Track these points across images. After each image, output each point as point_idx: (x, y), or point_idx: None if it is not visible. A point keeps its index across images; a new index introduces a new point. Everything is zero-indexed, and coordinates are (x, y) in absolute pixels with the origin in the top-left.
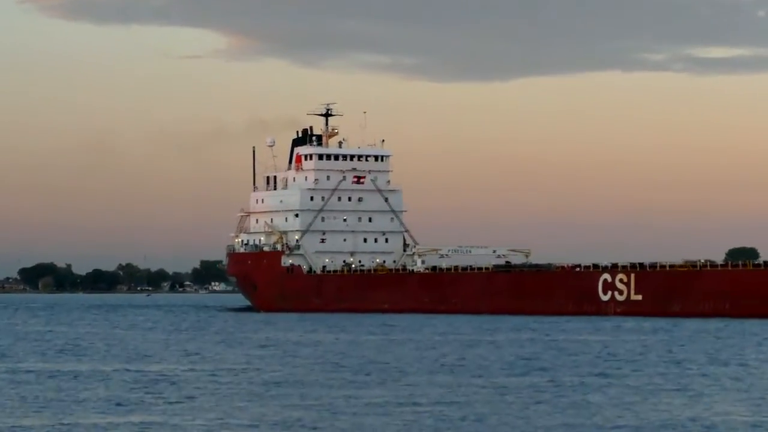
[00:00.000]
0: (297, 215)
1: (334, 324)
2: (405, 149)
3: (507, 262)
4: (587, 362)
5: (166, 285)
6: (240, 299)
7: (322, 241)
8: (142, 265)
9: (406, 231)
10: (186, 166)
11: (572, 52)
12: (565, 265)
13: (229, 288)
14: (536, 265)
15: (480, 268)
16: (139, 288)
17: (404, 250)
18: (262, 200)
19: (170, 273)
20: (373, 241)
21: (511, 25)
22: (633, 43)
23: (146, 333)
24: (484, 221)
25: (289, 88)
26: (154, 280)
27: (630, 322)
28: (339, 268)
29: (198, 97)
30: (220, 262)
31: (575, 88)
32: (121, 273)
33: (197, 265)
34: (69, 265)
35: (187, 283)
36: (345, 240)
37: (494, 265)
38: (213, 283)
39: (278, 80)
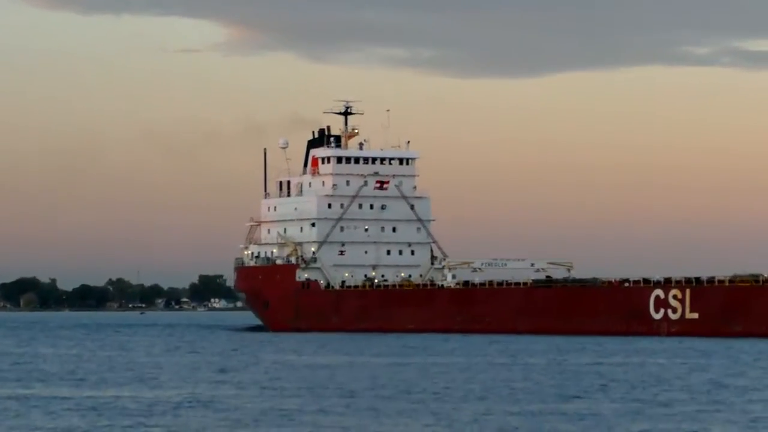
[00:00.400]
0: (313, 224)
1: (360, 345)
2: (428, 152)
3: (547, 276)
4: (636, 389)
5: (160, 302)
6: (247, 317)
7: (341, 253)
8: (134, 280)
9: (434, 242)
10: (182, 171)
11: (610, 45)
12: (613, 280)
13: (230, 305)
14: (580, 280)
15: (517, 284)
16: (131, 305)
17: (432, 264)
18: (275, 208)
19: (165, 289)
20: (398, 253)
21: (542, 15)
22: (675, 35)
23: (140, 354)
24: (520, 231)
25: (296, 84)
26: (148, 296)
27: (685, 343)
28: (360, 284)
29: (194, 95)
30: (221, 276)
31: (613, 85)
32: (111, 289)
33: (195, 279)
34: (53, 280)
35: (184, 299)
36: (366, 252)
37: (533, 280)
38: (213, 300)
39: (283, 76)
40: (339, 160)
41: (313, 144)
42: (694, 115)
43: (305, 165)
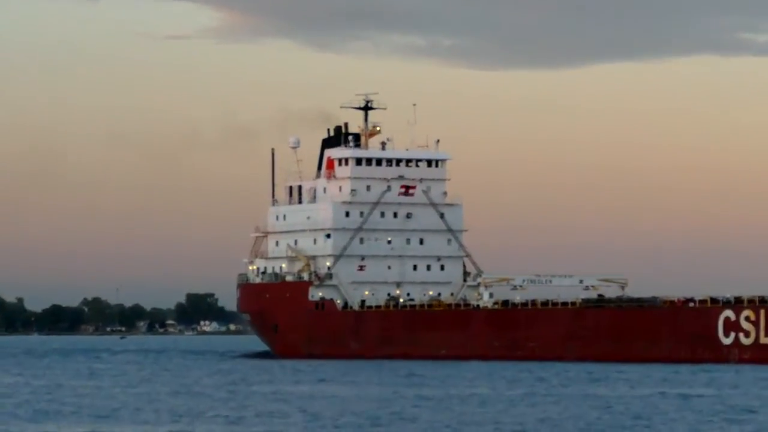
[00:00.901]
0: (329, 236)
1: (391, 375)
2: (456, 153)
3: (599, 295)
4: None
5: (143, 325)
6: (244, 343)
7: (361, 268)
8: (112, 300)
9: (467, 256)
10: (167, 174)
11: (658, 33)
12: (676, 300)
13: (222, 328)
14: (638, 300)
15: (565, 303)
16: (109, 328)
17: (465, 280)
18: (284, 216)
19: (148, 310)
20: (426, 268)
21: None
22: (733, 20)
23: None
24: (566, 243)
25: (298, 76)
26: (128, 318)
27: (762, 372)
28: (382, 303)
29: (182, 87)
30: (212, 295)
31: (662, 77)
32: (87, 310)
33: (182, 299)
34: (20, 300)
35: (170, 322)
36: (390, 267)
37: (583, 299)
38: (202, 323)
39: (284, 66)
40: (358, 161)
41: (328, 143)
42: (758, 110)
43: (319, 167)
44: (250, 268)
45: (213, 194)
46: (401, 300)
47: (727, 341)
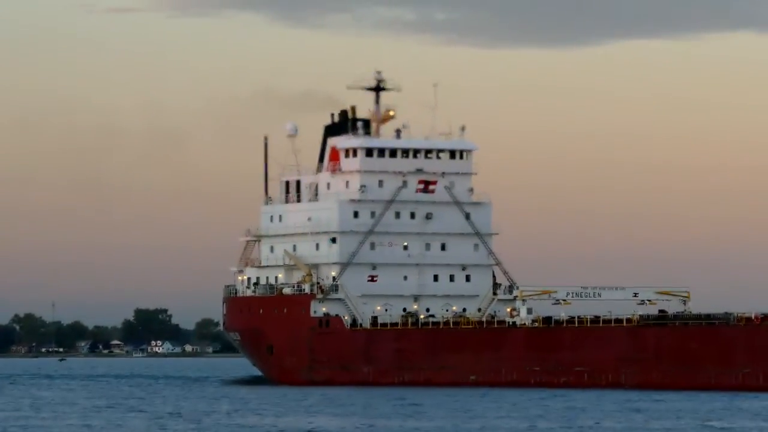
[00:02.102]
0: (334, 240)
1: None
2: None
3: (660, 311)
4: None
5: (84, 345)
6: (209, 365)
7: (372, 279)
8: (48, 317)
9: (497, 264)
10: (111, 168)
11: (692, 7)
12: (753, 316)
13: (176, 349)
14: (707, 316)
15: (619, 321)
16: (44, 349)
17: (495, 293)
18: (280, 217)
19: (90, 328)
20: (448, 279)
21: None
22: None
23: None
24: (612, 249)
25: (269, 55)
26: (67, 337)
27: None
28: (398, 320)
29: (128, 67)
30: (164, 311)
31: (701, 55)
32: (18, 328)
33: (130, 316)
34: None
35: (116, 342)
36: (406, 278)
37: (640, 316)
38: (154, 343)
39: (253, 44)
40: (369, 152)
41: (332, 131)
42: None
43: (321, 159)
44: (239, 278)
45: (169, 191)
46: (422, 317)
47: None
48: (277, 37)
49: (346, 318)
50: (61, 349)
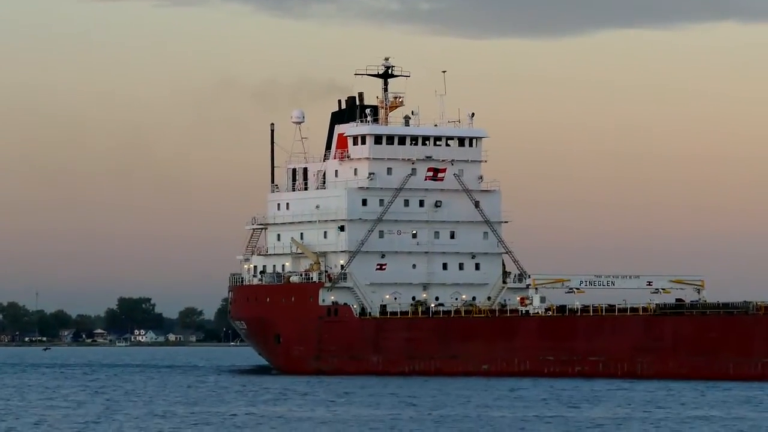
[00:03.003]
0: (342, 228)
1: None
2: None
3: (677, 300)
4: None
5: (67, 334)
6: (196, 354)
7: (381, 267)
8: (31, 306)
9: (507, 252)
10: (97, 157)
11: None
12: None
13: (160, 338)
14: (725, 305)
15: (635, 309)
16: (27, 338)
17: (504, 282)
18: (287, 205)
19: (73, 317)
20: (457, 267)
21: None
22: None
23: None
24: (624, 237)
25: (256, 45)
26: (50, 327)
27: None
28: (408, 309)
29: (114, 57)
30: (148, 300)
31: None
32: (1, 317)
33: (113, 305)
34: None
35: (99, 331)
36: (415, 266)
37: (657, 305)
38: (137, 332)
39: (239, 34)
40: (377, 139)
41: (338, 118)
42: None
43: (328, 147)
44: (245, 267)
45: (154, 178)
46: (432, 305)
47: None
48: (257, 28)
49: (354, 307)
50: (44, 339)
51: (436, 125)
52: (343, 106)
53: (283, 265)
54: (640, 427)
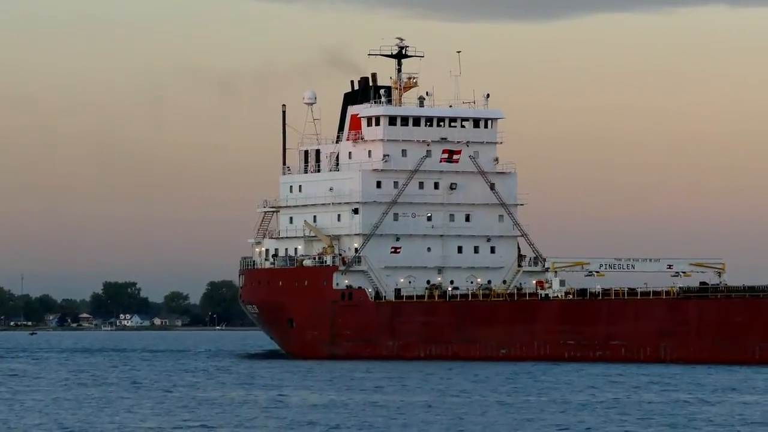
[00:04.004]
0: (356, 211)
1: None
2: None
3: (702, 282)
4: None
5: (52, 318)
6: (187, 338)
7: (395, 251)
8: (17, 290)
9: (523, 235)
10: (84, 139)
11: None
12: None
13: (145, 322)
14: (751, 288)
15: (657, 293)
16: (13, 323)
17: (520, 265)
18: (299, 188)
19: (59, 301)
20: (473, 250)
21: None
22: None
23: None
24: (642, 220)
25: (241, 30)
26: (36, 311)
27: None
28: (423, 293)
29: (122, 39)
30: (133, 284)
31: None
32: None
33: (98, 289)
34: None
35: (84, 315)
36: (429, 250)
37: (681, 288)
38: (123, 316)
39: (224, 20)
40: (392, 120)
41: (351, 99)
42: None
43: (340, 128)
44: (257, 250)
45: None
46: (449, 289)
47: None
48: (241, 13)
49: (369, 290)
50: (29, 323)
51: (450, 106)
52: (356, 87)
53: (296, 249)
54: None
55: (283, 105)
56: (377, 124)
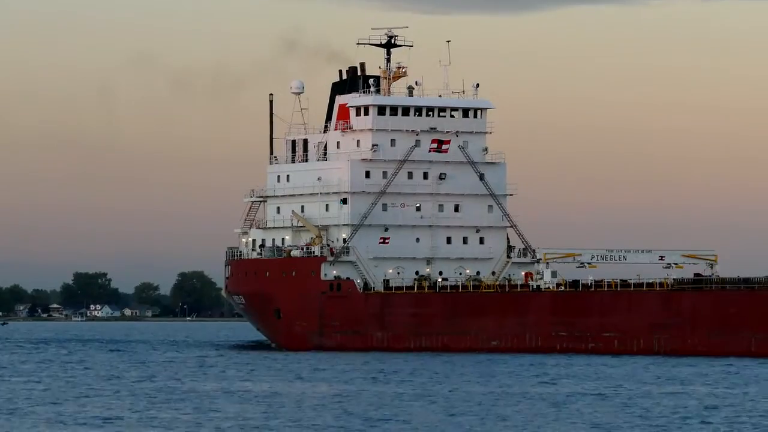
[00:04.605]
0: (345, 201)
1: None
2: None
3: (696, 274)
4: None
5: (23, 309)
6: (152, 329)
7: (384, 241)
8: None
9: (512, 226)
10: (53, 120)
11: None
12: None
13: (115, 313)
14: (746, 280)
15: (651, 285)
16: None
17: (509, 256)
18: (287, 177)
19: (29, 292)
20: (461, 241)
21: None
22: None
23: None
24: (633, 211)
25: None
26: (6, 302)
27: None
28: (411, 284)
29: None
30: (104, 275)
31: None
32: None
33: (69, 279)
34: None
35: (55, 306)
36: (418, 240)
37: (675, 280)
38: (93, 307)
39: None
40: (381, 110)
41: (339, 88)
42: None
43: (328, 118)
44: (243, 240)
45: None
46: (439, 280)
47: None
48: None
49: (358, 281)
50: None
51: (440, 96)
52: (344, 77)
53: (283, 239)
54: None
55: (270, 94)
56: (366, 113)
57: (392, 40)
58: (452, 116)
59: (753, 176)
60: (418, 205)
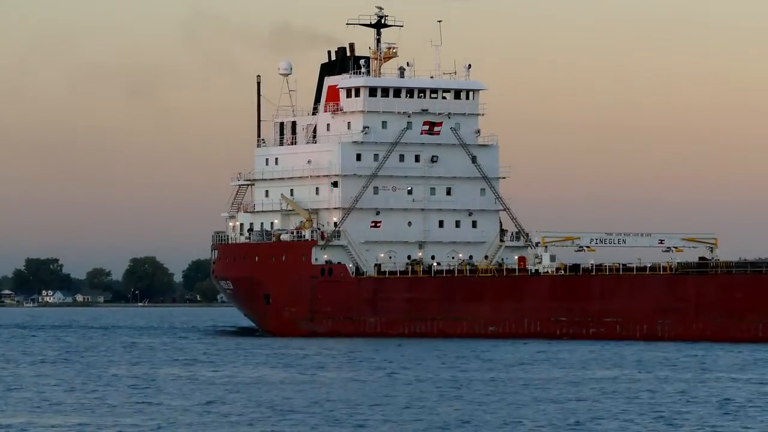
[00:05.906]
0: (335, 184)
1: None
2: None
3: (701, 257)
4: None
5: None
6: (113, 314)
7: (375, 225)
8: None
9: (505, 209)
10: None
11: None
12: None
13: (67, 299)
14: (753, 263)
15: (653, 269)
16: None
17: (502, 240)
18: (276, 160)
19: None
20: (454, 225)
21: None
22: None
23: None
24: (629, 194)
25: None
26: None
27: None
28: (404, 268)
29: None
30: (55, 261)
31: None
32: None
33: (20, 265)
34: None
35: (6, 292)
36: (410, 224)
37: (679, 263)
38: (45, 293)
39: None
40: (372, 92)
41: (328, 69)
42: None
43: (317, 99)
44: (231, 224)
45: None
46: (434, 264)
47: None
48: None
49: (349, 266)
50: None
51: (431, 77)
52: (333, 58)
53: (272, 223)
54: None
55: (258, 76)
56: (357, 95)
57: (382, 20)
58: (444, 98)
59: (754, 159)
60: (409, 188)
